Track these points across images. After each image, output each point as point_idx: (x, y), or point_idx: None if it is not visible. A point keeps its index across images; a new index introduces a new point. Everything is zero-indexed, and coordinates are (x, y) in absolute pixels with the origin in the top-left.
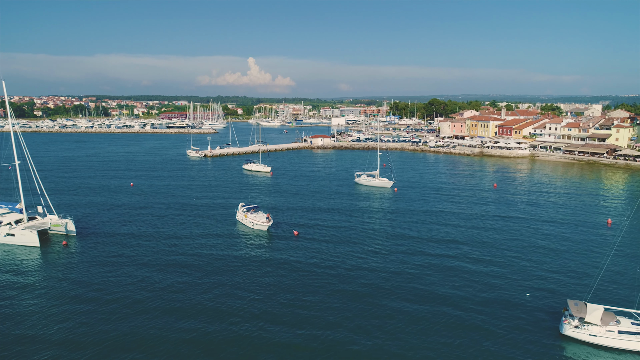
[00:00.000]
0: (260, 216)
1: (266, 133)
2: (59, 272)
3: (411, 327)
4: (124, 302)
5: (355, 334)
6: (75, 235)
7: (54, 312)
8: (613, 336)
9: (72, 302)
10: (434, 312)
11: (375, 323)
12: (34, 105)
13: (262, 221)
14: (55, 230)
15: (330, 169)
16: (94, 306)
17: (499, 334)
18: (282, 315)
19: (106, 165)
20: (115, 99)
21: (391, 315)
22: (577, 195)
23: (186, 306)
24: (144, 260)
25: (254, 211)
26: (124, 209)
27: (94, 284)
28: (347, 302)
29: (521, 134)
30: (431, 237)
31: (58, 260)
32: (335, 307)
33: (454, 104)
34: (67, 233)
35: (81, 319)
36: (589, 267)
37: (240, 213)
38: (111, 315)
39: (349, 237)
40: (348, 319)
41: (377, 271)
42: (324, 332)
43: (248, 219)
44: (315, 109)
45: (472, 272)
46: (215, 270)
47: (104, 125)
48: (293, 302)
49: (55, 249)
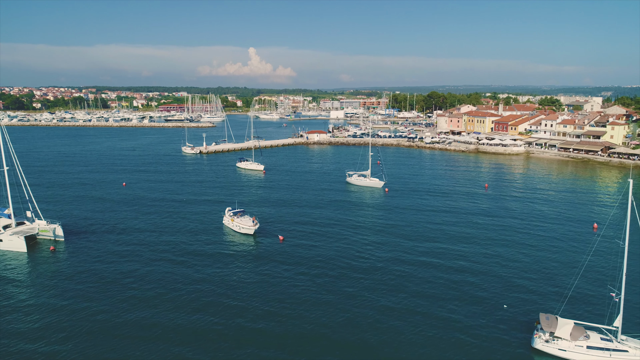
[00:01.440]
0: (246, 220)
1: (264, 127)
2: (44, 279)
3: (381, 336)
4: (107, 310)
5: (331, 340)
6: (63, 240)
7: (37, 318)
8: (582, 351)
9: (56, 309)
10: (410, 320)
11: (350, 330)
12: (33, 97)
13: (248, 225)
14: (43, 235)
15: (323, 166)
16: (78, 314)
17: (473, 344)
18: (259, 323)
19: (101, 162)
20: (115, 90)
21: (367, 319)
22: (567, 197)
23: (169, 312)
24: (128, 266)
25: (240, 215)
26: (114, 213)
27: (78, 291)
28: (327, 309)
29: (517, 130)
30: (417, 241)
31: (44, 267)
32: (310, 317)
33: (453, 96)
34: (55, 238)
35: (64, 326)
36: (567, 277)
37: (227, 217)
38: (95, 324)
39: (334, 242)
40: (324, 326)
41: (361, 277)
42: (299, 340)
43: (234, 223)
44: (315, 101)
45: (453, 279)
46: (200, 279)
47: (102, 119)
48: (273, 311)
49: (43, 254)
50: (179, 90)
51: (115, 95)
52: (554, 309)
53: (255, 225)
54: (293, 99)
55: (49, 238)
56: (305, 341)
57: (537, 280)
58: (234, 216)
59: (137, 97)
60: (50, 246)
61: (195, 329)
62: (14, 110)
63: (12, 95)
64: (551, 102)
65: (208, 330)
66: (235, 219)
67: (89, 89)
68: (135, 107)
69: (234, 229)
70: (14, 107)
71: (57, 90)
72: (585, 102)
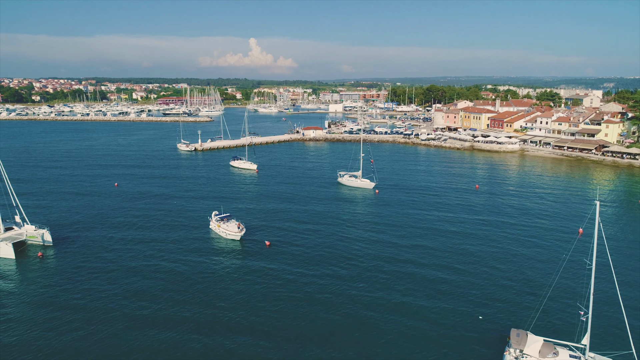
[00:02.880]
0: (232, 226)
1: (262, 121)
2: (31, 286)
3: (356, 347)
4: (93, 316)
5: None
6: (51, 246)
7: (24, 328)
8: None
9: (43, 318)
10: (387, 328)
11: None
12: (32, 89)
13: (234, 231)
14: (32, 241)
15: (316, 165)
16: (65, 322)
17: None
18: (242, 328)
19: (95, 160)
20: (115, 82)
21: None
22: (556, 199)
23: (156, 319)
24: (115, 273)
25: (226, 220)
26: (104, 217)
27: (65, 298)
28: (307, 313)
29: (512, 127)
30: (403, 244)
31: (32, 274)
32: (291, 326)
33: (453, 90)
34: (43, 243)
35: (50, 334)
36: (543, 287)
37: (214, 222)
38: (78, 331)
39: (321, 247)
40: (304, 337)
41: (346, 280)
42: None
43: (221, 229)
44: (315, 94)
45: (434, 289)
46: (185, 288)
47: (100, 113)
48: (253, 317)
49: (31, 260)
50: (179, 81)
51: (114, 87)
52: (527, 322)
53: (241, 232)
54: (293, 91)
55: (37, 243)
56: (289, 350)
57: (515, 289)
58: (220, 221)
59: (137, 89)
60: (39, 252)
61: (175, 342)
62: (12, 104)
63: (11, 88)
64: (551, 96)
65: (186, 347)
66: (222, 224)
67: (88, 81)
68: (134, 100)
69: (220, 234)
70: (13, 100)
71: (56, 82)
72: (585, 95)
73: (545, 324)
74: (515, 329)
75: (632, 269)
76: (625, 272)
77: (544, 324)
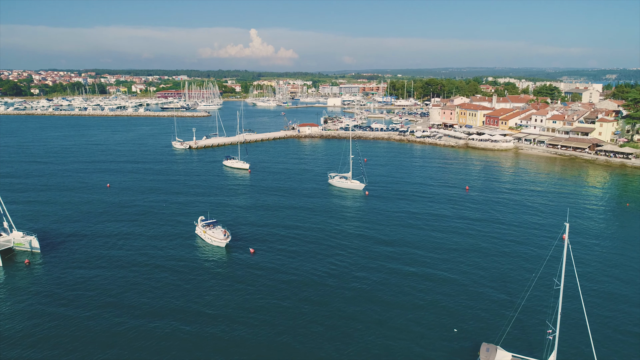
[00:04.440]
0: (218, 232)
1: (260, 116)
2: (17, 295)
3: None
4: (78, 327)
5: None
6: (39, 252)
7: (5, 337)
8: None
9: (28, 326)
10: (370, 340)
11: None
12: (31, 82)
13: (219, 238)
14: (19, 248)
15: (309, 164)
16: (45, 328)
17: None
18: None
19: (89, 159)
20: (114, 74)
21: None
22: (545, 201)
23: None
24: (100, 281)
25: (212, 227)
26: (93, 221)
27: (50, 306)
28: (286, 324)
29: (507, 125)
30: (388, 250)
31: (19, 281)
32: (271, 338)
33: (452, 83)
34: (31, 250)
35: (36, 344)
36: (519, 297)
37: (199, 228)
38: (62, 338)
39: (304, 255)
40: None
41: (329, 286)
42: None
43: (207, 235)
44: (315, 86)
45: (413, 300)
46: (168, 302)
47: (97, 108)
48: (227, 331)
49: (18, 268)
50: (179, 73)
51: (114, 80)
52: (497, 336)
53: (227, 239)
54: (292, 84)
55: (25, 250)
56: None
57: (492, 299)
58: (206, 227)
59: (137, 82)
60: (26, 259)
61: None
62: (11, 97)
63: (10, 81)
64: (550, 90)
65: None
66: (207, 230)
67: (88, 73)
68: (133, 93)
69: (206, 241)
70: (12, 93)
71: (56, 75)
72: (585, 89)
73: (515, 339)
74: (486, 343)
75: (607, 281)
76: (599, 289)
77: (514, 339)
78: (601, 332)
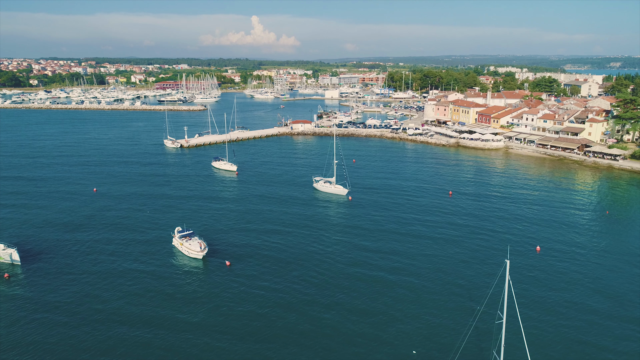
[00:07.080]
0: (194, 244)
1: (257, 109)
2: None
3: None
4: (57, 343)
5: None
6: (19, 265)
7: None
8: None
9: (5, 340)
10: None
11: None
12: (30, 72)
13: (196, 250)
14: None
15: (298, 164)
16: (26, 343)
17: None
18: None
19: (79, 160)
20: (114, 63)
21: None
22: (530, 208)
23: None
24: (78, 296)
25: (188, 238)
26: (76, 230)
27: (27, 321)
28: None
29: (499, 123)
30: (367, 257)
31: None
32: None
33: (450, 75)
34: (12, 262)
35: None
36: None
37: (176, 239)
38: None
39: (283, 267)
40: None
41: (295, 308)
42: None
43: (184, 247)
44: (315, 76)
45: (379, 321)
46: (147, 320)
47: (95, 101)
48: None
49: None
50: (180, 62)
51: (114, 69)
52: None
53: (204, 251)
54: (292, 74)
55: (5, 261)
56: None
57: (458, 321)
58: (183, 239)
59: (137, 71)
60: (5, 273)
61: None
62: (10, 88)
63: (8, 72)
64: (549, 82)
65: None
66: (184, 242)
67: (88, 62)
68: (132, 84)
69: (183, 253)
70: (11, 84)
71: (55, 64)
72: (584, 81)
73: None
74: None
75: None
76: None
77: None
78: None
